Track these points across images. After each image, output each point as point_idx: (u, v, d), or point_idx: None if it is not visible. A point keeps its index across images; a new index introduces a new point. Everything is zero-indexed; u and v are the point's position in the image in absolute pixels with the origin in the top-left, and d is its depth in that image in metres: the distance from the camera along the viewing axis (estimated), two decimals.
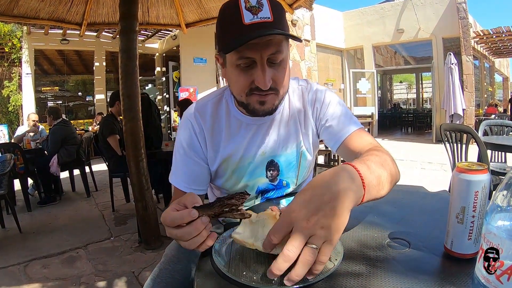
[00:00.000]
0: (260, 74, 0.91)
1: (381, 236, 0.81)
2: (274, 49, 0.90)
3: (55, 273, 2.76)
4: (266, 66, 0.91)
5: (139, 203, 3.11)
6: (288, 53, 1.00)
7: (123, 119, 3.04)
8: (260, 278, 0.65)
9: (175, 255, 1.07)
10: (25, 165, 4.59)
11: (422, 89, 22.65)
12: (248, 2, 0.88)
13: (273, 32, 0.86)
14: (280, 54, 0.92)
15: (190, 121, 1.11)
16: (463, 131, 2.92)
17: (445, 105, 9.32)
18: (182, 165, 1.12)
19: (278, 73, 0.95)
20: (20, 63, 9.36)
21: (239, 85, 0.97)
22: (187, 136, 1.11)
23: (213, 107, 1.13)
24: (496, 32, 10.36)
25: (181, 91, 9.39)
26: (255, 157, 1.14)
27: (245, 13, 0.87)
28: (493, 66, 16.43)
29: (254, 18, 0.87)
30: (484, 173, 0.64)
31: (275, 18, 0.89)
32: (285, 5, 4.03)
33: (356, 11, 12.82)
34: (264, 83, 0.92)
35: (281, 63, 0.95)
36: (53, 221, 4.12)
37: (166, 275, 1.01)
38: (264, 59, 0.90)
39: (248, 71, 0.93)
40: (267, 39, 0.88)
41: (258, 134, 1.12)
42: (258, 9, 0.88)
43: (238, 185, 1.18)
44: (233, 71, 0.96)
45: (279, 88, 0.97)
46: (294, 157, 1.17)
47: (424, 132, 13.96)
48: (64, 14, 3.95)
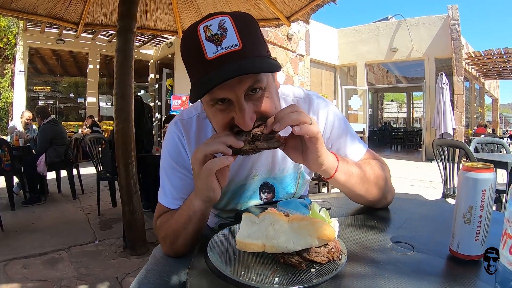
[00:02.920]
0: (239, 114, 0.76)
1: (383, 239, 0.79)
2: (250, 82, 0.75)
3: (35, 274, 2.66)
4: (244, 104, 0.75)
5: (126, 207, 3.03)
6: (270, 76, 0.84)
7: (115, 120, 3.00)
8: (261, 277, 0.62)
9: (164, 256, 1.02)
10: (12, 162, 4.48)
11: (412, 108, 23.05)
12: (208, 30, 0.73)
13: (241, 72, 0.70)
14: (259, 83, 0.77)
15: (176, 133, 1.01)
16: (456, 146, 2.95)
17: (435, 124, 9.48)
18: (171, 180, 1.01)
19: (262, 104, 0.79)
20: (13, 60, 9.29)
21: (219, 127, 0.82)
22: (173, 148, 1.01)
23: (198, 124, 1.02)
24: (487, 54, 10.59)
25: (173, 99, 9.36)
26: (246, 180, 1.05)
27: (206, 44, 0.72)
28: (483, 88, 16.80)
29: (218, 50, 0.71)
30: (491, 172, 0.64)
31: (244, 43, 0.73)
32: (282, 18, 4.06)
33: (351, 29, 13.04)
34: (244, 124, 0.76)
35: (263, 92, 0.79)
36: (37, 221, 4.02)
37: (155, 276, 0.96)
38: (241, 97, 0.75)
39: (225, 109, 0.78)
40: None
41: (250, 157, 1.01)
42: (221, 36, 0.72)
43: (229, 207, 1.10)
44: (210, 111, 0.82)
45: (267, 118, 0.81)
46: (291, 178, 1.10)
47: (414, 151, 14.13)
48: (62, 12, 3.92)
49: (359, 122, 12.04)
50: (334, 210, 1.04)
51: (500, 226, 0.64)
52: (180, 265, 0.98)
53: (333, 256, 0.64)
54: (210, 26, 0.73)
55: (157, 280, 0.95)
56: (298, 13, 3.94)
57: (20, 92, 9.32)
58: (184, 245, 0.94)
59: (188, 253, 0.94)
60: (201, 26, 0.74)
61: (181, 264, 0.98)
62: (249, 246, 0.66)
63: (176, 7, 4.35)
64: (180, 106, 9.11)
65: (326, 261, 0.64)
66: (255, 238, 0.66)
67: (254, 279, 0.61)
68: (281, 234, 0.65)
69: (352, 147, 1.05)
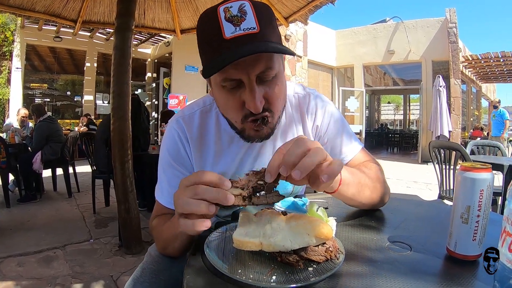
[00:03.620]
0: (249, 97, 0.78)
1: (380, 239, 0.79)
2: (264, 66, 0.77)
3: (30, 272, 2.65)
4: (255, 87, 0.78)
5: (122, 205, 3.02)
6: (282, 65, 0.87)
7: (112, 118, 2.98)
8: (258, 276, 0.62)
9: (159, 255, 1.01)
10: (7, 160, 4.46)
11: (409, 110, 23.12)
12: (229, 11, 0.75)
13: (259, 50, 0.72)
14: (271, 71, 0.79)
15: (177, 131, 1.00)
16: (452, 148, 2.96)
17: (432, 126, 9.52)
18: (169, 179, 1.00)
19: (271, 91, 0.82)
20: (11, 57, 9.26)
21: (229, 109, 0.86)
22: (173, 146, 1.00)
23: (201, 118, 1.02)
24: (484, 58, 10.65)
25: (170, 98, 9.36)
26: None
27: (225, 25, 0.74)
28: (480, 91, 16.88)
29: (237, 31, 0.73)
30: (489, 172, 0.64)
31: (262, 28, 0.75)
32: (280, 18, 4.07)
33: (349, 31, 13.08)
34: (255, 106, 0.78)
35: (274, 79, 0.82)
36: (32, 219, 4.00)
37: (150, 275, 0.95)
38: (253, 79, 0.77)
39: (236, 92, 0.80)
40: (254, 55, 0.74)
41: (251, 151, 1.01)
42: (240, 18, 0.74)
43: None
44: (220, 93, 0.85)
45: (273, 107, 0.85)
46: None
47: (410, 153, 14.17)
48: (60, 9, 3.91)
49: (356, 124, 12.09)
50: (331, 209, 1.03)
51: (496, 226, 0.64)
52: (176, 264, 0.97)
53: (330, 255, 0.64)
54: (230, 8, 0.75)
55: (152, 278, 0.94)
56: (296, 14, 3.95)
57: (16, 89, 9.28)
58: (173, 253, 0.93)
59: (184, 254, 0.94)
60: (221, 7, 0.76)
61: (176, 262, 0.97)
62: (246, 244, 0.66)
63: (174, 6, 4.35)
64: (177, 106, 9.11)
65: (324, 260, 0.64)
66: (253, 236, 0.66)
67: (251, 277, 0.61)
68: (278, 233, 0.65)
69: (347, 146, 1.05)
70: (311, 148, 0.61)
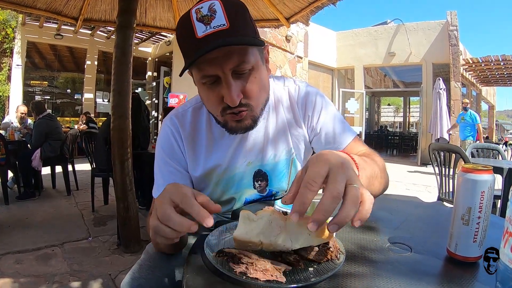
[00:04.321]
0: (226, 91, 0.83)
1: (381, 240, 0.79)
2: (237, 59, 0.81)
3: (28, 270, 2.64)
4: (231, 81, 0.82)
5: (121, 204, 3.01)
6: (260, 58, 0.90)
7: (112, 116, 2.98)
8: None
9: (157, 252, 1.01)
10: (7, 156, 4.45)
11: (409, 113, 23.14)
12: (200, 11, 0.79)
13: (223, 43, 0.77)
14: (245, 64, 0.83)
15: (170, 127, 1.05)
16: (452, 150, 2.96)
17: (431, 129, 9.52)
18: (164, 176, 1.03)
19: (249, 85, 0.86)
20: (11, 54, 9.23)
21: (210, 103, 0.91)
22: (167, 143, 1.05)
23: (193, 114, 1.07)
24: (485, 61, 10.66)
25: (171, 97, 9.35)
26: (241, 168, 1.07)
27: (197, 25, 0.79)
28: (480, 94, 16.89)
29: (207, 29, 0.78)
30: (489, 173, 0.64)
31: (231, 24, 0.79)
32: (282, 19, 4.07)
33: (350, 32, 13.09)
34: (231, 99, 0.83)
35: (251, 72, 0.86)
36: (30, 216, 3.99)
37: (147, 271, 0.95)
38: (228, 74, 0.82)
39: (215, 88, 0.85)
40: (226, 50, 0.79)
41: (243, 143, 1.05)
42: (210, 17, 0.79)
43: (224, 197, 1.11)
44: (202, 90, 0.91)
45: (252, 101, 0.89)
46: (284, 165, 1.11)
47: (409, 155, 14.18)
48: (61, 7, 3.90)
49: (355, 125, 12.10)
50: None
51: (496, 229, 0.65)
52: (173, 261, 0.98)
53: (331, 255, 0.64)
54: (201, 9, 0.80)
55: (149, 275, 0.94)
56: (297, 15, 3.95)
57: (17, 86, 9.25)
58: (165, 250, 0.96)
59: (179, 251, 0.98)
60: (193, 9, 0.81)
61: (173, 259, 0.98)
62: (246, 243, 0.66)
63: (175, 5, 4.35)
64: (177, 105, 9.10)
65: (324, 260, 0.64)
66: (253, 235, 0.66)
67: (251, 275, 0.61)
68: (279, 232, 0.65)
69: (341, 134, 1.07)
70: (348, 199, 0.54)
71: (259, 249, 0.66)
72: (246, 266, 0.60)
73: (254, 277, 0.58)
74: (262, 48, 0.92)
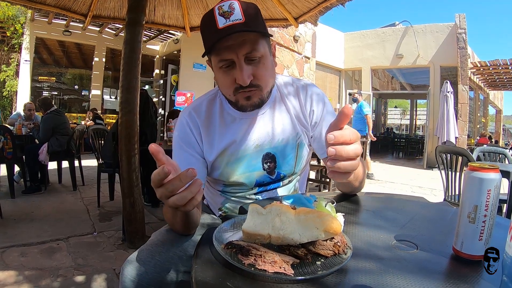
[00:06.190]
0: (239, 72, 1.00)
1: (387, 238, 0.80)
2: (249, 47, 0.99)
3: (32, 263, 2.66)
4: (243, 64, 1.00)
5: (127, 199, 3.02)
6: (268, 50, 1.07)
7: (120, 112, 3.00)
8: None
9: (160, 238, 1.06)
10: (14, 151, 4.49)
11: (416, 115, 23.00)
12: (221, 8, 0.98)
13: (240, 30, 0.95)
14: (256, 52, 1.00)
15: (186, 119, 1.19)
16: (459, 153, 2.94)
17: (438, 132, 9.45)
18: (179, 160, 1.15)
19: (258, 70, 1.03)
20: (20, 49, 9.31)
21: (225, 85, 1.07)
22: (182, 132, 1.19)
23: (207, 105, 1.23)
24: (493, 64, 10.57)
25: (178, 95, 9.38)
26: (250, 150, 1.19)
27: (219, 18, 0.97)
28: (487, 98, 16.76)
29: (227, 22, 0.97)
30: (496, 172, 0.64)
31: (246, 19, 0.98)
32: (290, 19, 4.07)
33: (358, 33, 13.03)
34: (242, 79, 1.00)
35: (261, 60, 1.03)
36: (36, 210, 4.02)
37: (146, 255, 0.99)
38: (241, 59, 0.99)
39: (230, 71, 1.03)
40: (241, 39, 0.98)
41: (252, 127, 1.19)
42: (230, 13, 0.97)
43: (234, 176, 1.21)
44: (218, 73, 1.07)
45: (261, 83, 1.06)
46: (291, 149, 1.22)
47: (415, 158, 14.11)
48: (71, 3, 3.92)
49: None
50: (338, 207, 1.04)
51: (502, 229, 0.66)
52: (173, 248, 1.02)
53: (338, 250, 0.65)
54: (222, 6, 0.99)
55: (148, 258, 0.98)
56: (306, 15, 3.94)
57: (25, 81, 9.33)
58: (180, 230, 1.04)
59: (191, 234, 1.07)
60: (216, 6, 1.00)
61: (174, 246, 1.02)
62: (255, 236, 0.67)
63: (184, 3, 4.37)
64: (184, 103, 9.14)
65: (332, 254, 0.65)
66: (261, 228, 0.67)
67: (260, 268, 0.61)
68: (287, 226, 0.65)
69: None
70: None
71: (267, 242, 0.67)
72: (254, 258, 0.61)
73: (263, 268, 0.59)
74: (270, 43, 1.10)
